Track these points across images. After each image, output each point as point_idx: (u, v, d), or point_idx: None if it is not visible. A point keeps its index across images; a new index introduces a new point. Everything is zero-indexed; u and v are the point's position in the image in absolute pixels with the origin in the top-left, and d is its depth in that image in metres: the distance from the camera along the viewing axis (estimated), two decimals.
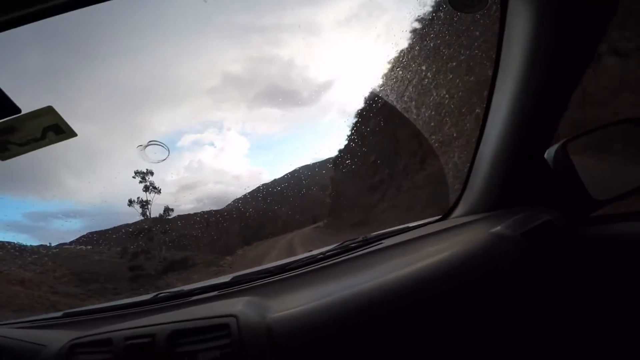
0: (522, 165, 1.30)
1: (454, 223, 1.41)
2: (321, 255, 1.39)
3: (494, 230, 1.16)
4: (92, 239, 13.89)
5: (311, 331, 0.93)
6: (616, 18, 1.00)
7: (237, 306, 1.02)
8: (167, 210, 14.24)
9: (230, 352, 0.88)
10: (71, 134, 0.91)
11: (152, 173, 13.99)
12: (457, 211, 1.54)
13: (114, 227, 13.78)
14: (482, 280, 1.05)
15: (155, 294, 1.43)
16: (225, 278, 1.45)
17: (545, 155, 1.28)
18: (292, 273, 1.32)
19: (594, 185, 1.23)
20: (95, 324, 1.24)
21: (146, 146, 1.53)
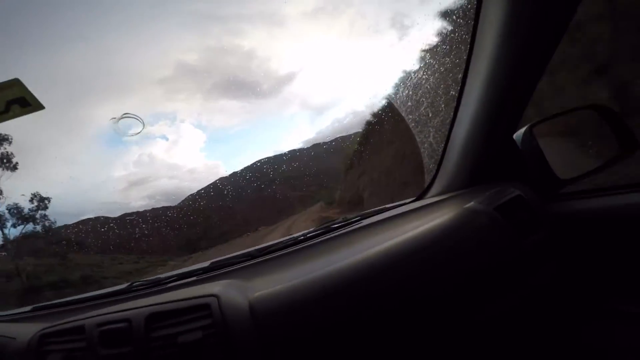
0: (492, 145, 1.36)
1: (430, 201, 1.45)
2: (302, 237, 1.39)
3: (467, 205, 1.21)
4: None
5: (293, 308, 0.92)
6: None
7: (217, 287, 1.00)
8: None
9: (213, 332, 0.86)
10: (38, 106, 0.87)
11: None
12: (433, 190, 1.59)
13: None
14: (458, 252, 1.08)
15: (130, 282, 1.38)
16: (204, 264, 1.41)
17: (514, 137, 1.35)
18: (273, 255, 1.32)
19: (559, 165, 1.31)
20: (67, 315, 1.15)
21: (120, 119, 1.47)
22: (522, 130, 1.34)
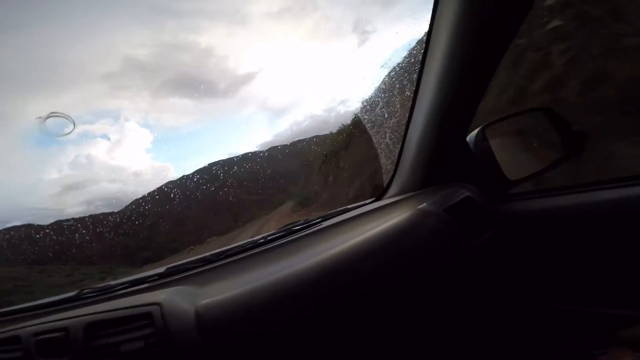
0: (446, 146, 1.41)
1: (388, 202, 1.48)
2: (262, 240, 1.38)
3: (420, 206, 1.24)
4: None
5: (242, 316, 0.90)
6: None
7: (163, 295, 0.96)
8: None
9: (155, 341, 0.83)
10: None
11: None
12: (390, 191, 1.62)
13: None
14: (411, 252, 1.11)
15: (78, 290, 1.30)
16: (160, 269, 1.36)
17: (467, 138, 1.41)
18: (231, 259, 1.29)
19: (509, 166, 1.38)
20: (5, 325, 1.08)
21: (46, 118, 1.38)
22: (475, 131, 1.40)
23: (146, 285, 1.22)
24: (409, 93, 1.44)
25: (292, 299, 0.94)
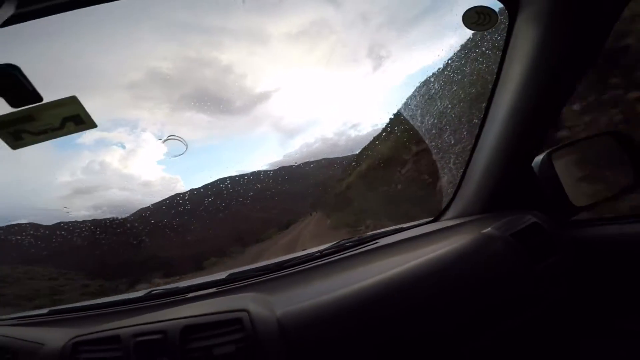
0: (511, 172, 1.40)
1: (445, 225, 1.48)
2: (318, 254, 1.41)
3: (484, 231, 1.24)
4: None
5: (319, 324, 0.95)
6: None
7: (246, 301, 1.02)
8: None
9: (245, 346, 0.88)
10: (91, 124, 0.90)
11: None
12: (449, 214, 1.62)
13: None
14: (474, 277, 1.11)
15: (147, 291, 1.39)
16: (221, 275, 1.43)
17: (532, 164, 1.40)
18: (290, 270, 1.33)
19: (574, 192, 1.36)
20: (91, 322, 1.20)
21: (165, 140, 1.53)
22: (541, 157, 1.38)
23: (214, 290, 1.29)
24: (476, 121, 1.45)
25: (362, 313, 0.98)
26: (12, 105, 0.81)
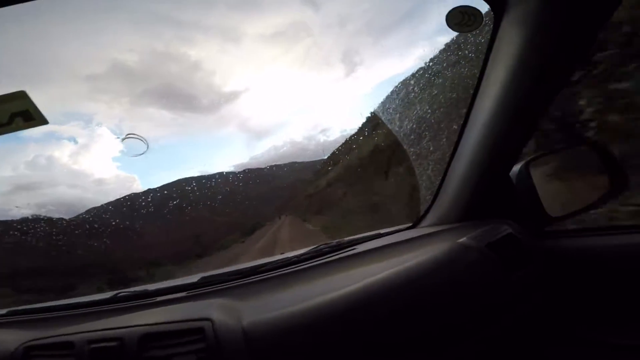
0: (489, 181, 1.41)
1: (423, 232, 1.48)
2: (295, 258, 1.40)
3: (460, 240, 1.24)
4: None
5: (288, 337, 0.92)
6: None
7: (211, 309, 0.99)
8: None
9: (206, 356, 0.86)
10: (42, 121, 0.86)
11: None
12: (426, 220, 1.62)
13: None
14: (449, 287, 1.11)
15: (115, 292, 1.35)
16: (193, 278, 1.40)
17: (510, 173, 1.41)
18: (265, 275, 1.31)
19: (550, 202, 1.38)
20: (49, 325, 1.15)
21: (124, 139, 1.49)
22: (518, 166, 1.40)
23: (184, 294, 1.25)
24: (456, 127, 1.45)
25: (335, 323, 0.96)
26: None
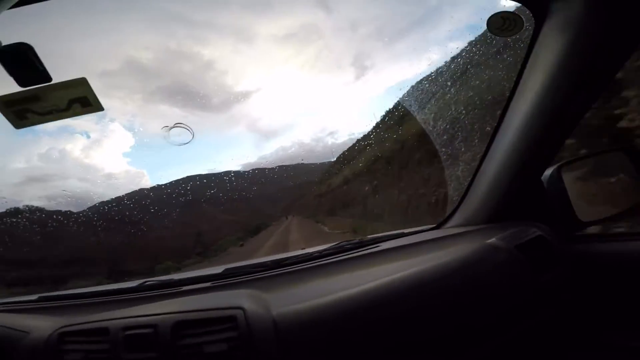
0: (519, 183, 1.39)
1: (449, 232, 1.47)
2: (317, 254, 1.40)
3: (489, 241, 1.22)
4: None
5: (316, 327, 0.92)
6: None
7: (242, 298, 1.00)
8: None
9: (238, 344, 0.86)
10: (98, 107, 0.89)
11: None
12: (452, 221, 1.60)
13: None
14: (475, 287, 1.10)
15: (141, 281, 1.36)
16: (217, 269, 1.41)
17: (542, 177, 1.39)
18: (288, 269, 1.31)
19: (581, 207, 1.35)
20: (80, 311, 1.17)
21: (171, 128, 1.52)
22: (550, 170, 1.37)
23: (209, 284, 1.26)
24: (489, 129, 1.44)
25: (360, 317, 0.96)
26: (21, 84, 0.79)
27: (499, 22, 1.15)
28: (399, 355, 0.96)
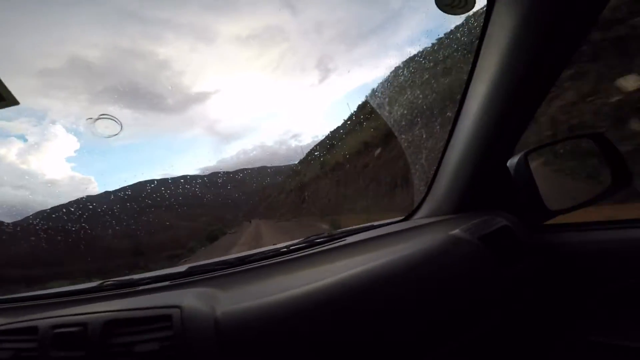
0: (485, 171, 1.36)
1: (416, 224, 1.44)
2: (284, 249, 1.38)
3: (452, 232, 1.20)
4: None
5: (264, 326, 0.89)
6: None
7: (184, 297, 0.97)
8: None
9: (172, 344, 0.83)
10: (12, 101, 0.86)
11: None
12: (420, 212, 1.58)
13: None
14: (439, 281, 1.07)
15: (100, 282, 1.33)
16: (181, 268, 1.37)
17: (508, 164, 1.36)
18: (253, 265, 1.29)
19: (550, 195, 1.32)
20: (20, 312, 1.15)
21: (96, 119, 1.48)
22: (517, 157, 1.35)
23: (167, 283, 1.23)
24: (450, 114, 1.40)
25: (311, 316, 0.92)
26: None
27: None
28: (355, 355, 0.92)
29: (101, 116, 1.45)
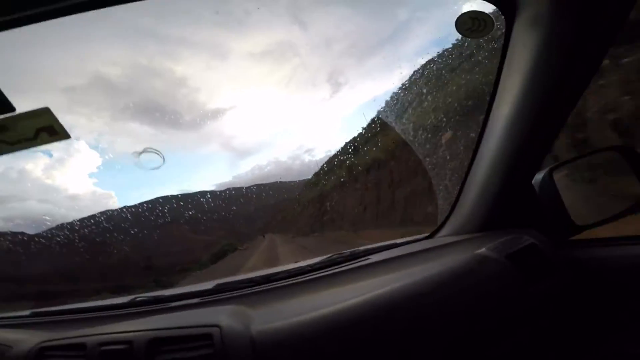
0: (509, 189, 1.36)
1: (440, 242, 1.44)
2: (308, 267, 1.39)
3: (479, 251, 1.19)
4: None
5: (296, 345, 0.91)
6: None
7: (221, 316, 1.00)
8: None
9: None
10: (65, 135, 0.90)
11: None
12: (444, 231, 1.57)
13: None
14: (466, 300, 1.07)
15: (132, 297, 1.39)
16: (208, 285, 1.42)
17: (533, 181, 1.35)
18: (278, 284, 1.31)
19: (576, 210, 1.31)
20: (66, 326, 1.20)
21: (141, 153, 1.54)
22: (541, 174, 1.34)
23: (198, 300, 1.27)
24: (473, 135, 1.40)
25: (343, 334, 0.94)
26: None
27: (468, 23, 1.12)
28: None
29: (146, 150, 1.52)
